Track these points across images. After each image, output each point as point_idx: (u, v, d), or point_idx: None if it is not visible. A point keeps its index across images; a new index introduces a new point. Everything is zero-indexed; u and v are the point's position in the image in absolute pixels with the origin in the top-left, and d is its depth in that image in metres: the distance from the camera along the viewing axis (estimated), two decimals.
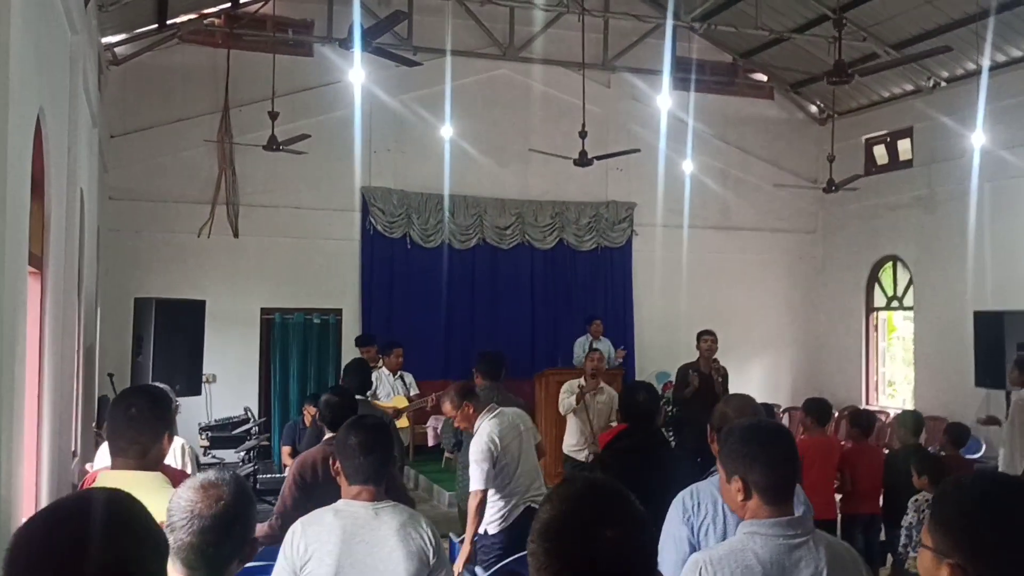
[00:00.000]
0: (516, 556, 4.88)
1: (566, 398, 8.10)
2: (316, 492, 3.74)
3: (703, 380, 8.95)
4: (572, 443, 8.20)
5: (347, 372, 7.02)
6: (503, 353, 7.46)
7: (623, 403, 4.45)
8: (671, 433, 9.49)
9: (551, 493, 1.54)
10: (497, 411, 5.45)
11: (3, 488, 3.33)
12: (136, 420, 2.90)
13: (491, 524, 5.36)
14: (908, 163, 13.48)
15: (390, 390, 9.36)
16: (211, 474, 2.16)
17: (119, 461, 2.90)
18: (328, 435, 4.68)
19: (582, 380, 8.15)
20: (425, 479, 10.61)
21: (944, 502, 1.71)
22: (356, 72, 9.95)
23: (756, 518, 2.47)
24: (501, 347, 9.96)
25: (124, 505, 1.41)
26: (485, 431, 5.30)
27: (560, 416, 8.75)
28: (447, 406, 5.50)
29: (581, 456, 8.03)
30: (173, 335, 8.63)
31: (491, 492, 5.31)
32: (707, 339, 9.26)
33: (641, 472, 3.64)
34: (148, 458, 2.89)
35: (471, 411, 5.40)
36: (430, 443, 11.34)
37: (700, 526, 3.10)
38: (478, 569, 5.16)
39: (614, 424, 7.93)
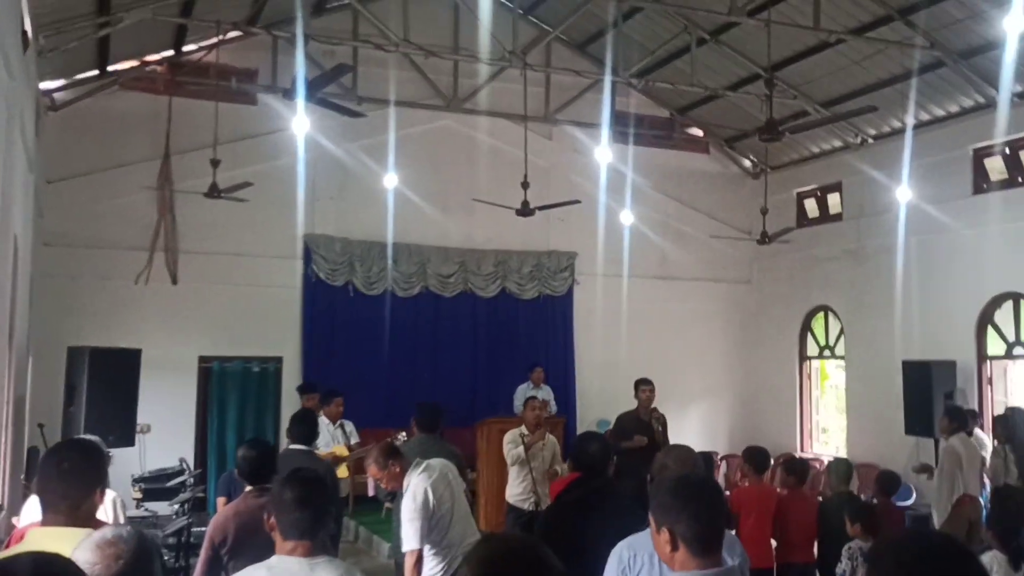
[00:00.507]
0: None
1: (511, 449, 8.05)
2: (246, 551, 3.62)
3: (644, 430, 8.94)
4: (517, 492, 8.14)
5: (294, 422, 6.89)
6: (439, 404, 7.41)
7: (575, 453, 4.43)
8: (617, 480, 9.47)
9: (470, 555, 1.54)
10: (424, 465, 5.30)
11: None
12: (68, 474, 2.83)
13: None
14: (838, 216, 13.86)
15: (330, 439, 9.21)
16: (108, 531, 2.10)
17: (49, 517, 2.82)
18: (247, 489, 4.55)
19: (523, 428, 8.13)
20: (365, 530, 10.42)
21: (879, 565, 1.75)
22: (300, 121, 9.94)
23: (684, 570, 2.49)
24: (443, 395, 9.95)
25: (55, 568, 1.37)
26: (419, 487, 5.16)
27: (502, 465, 8.69)
28: (372, 469, 5.31)
29: (525, 505, 7.97)
30: (107, 384, 8.41)
31: (427, 548, 5.18)
32: (645, 389, 9.25)
33: (592, 524, 3.63)
34: (80, 513, 2.81)
35: (398, 470, 5.24)
36: (370, 493, 11.16)
37: None
38: None
39: (559, 469, 7.92)
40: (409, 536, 5.08)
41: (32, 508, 4.65)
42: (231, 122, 11.40)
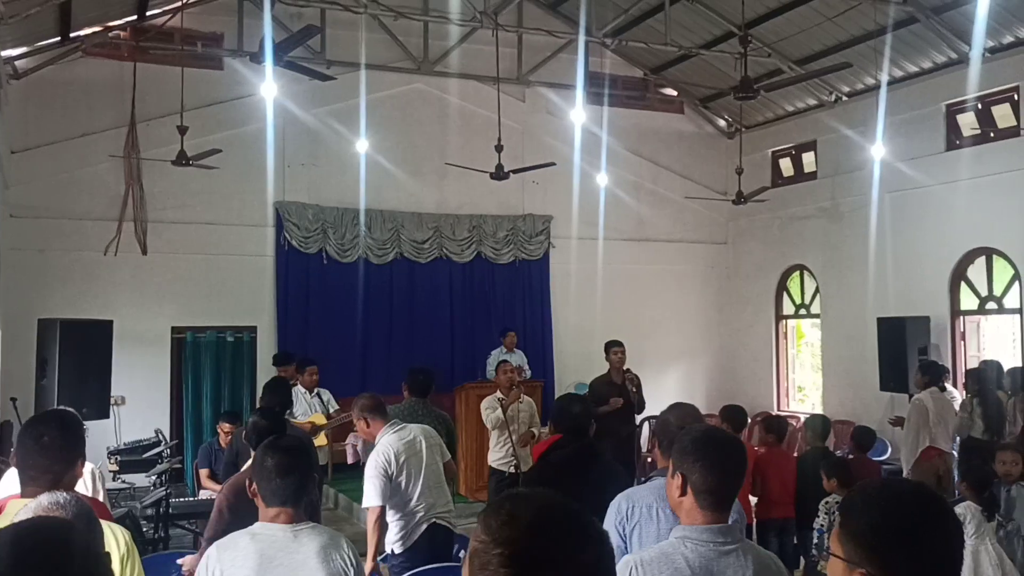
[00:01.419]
0: (418, 570, 4.87)
1: (490, 413, 8.12)
2: (248, 516, 3.66)
3: (618, 392, 9.00)
4: (498, 456, 8.22)
5: (266, 391, 6.90)
6: (432, 370, 7.42)
7: (556, 415, 4.48)
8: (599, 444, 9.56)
9: (511, 511, 1.47)
10: (400, 427, 5.38)
11: None
12: (48, 448, 2.88)
13: (395, 543, 5.32)
14: (813, 175, 13.94)
15: (307, 408, 9.23)
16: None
17: (30, 489, 2.84)
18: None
19: (499, 393, 8.19)
20: (344, 497, 10.48)
21: (852, 512, 1.77)
22: (268, 86, 9.81)
23: (691, 522, 2.55)
24: (420, 361, 9.90)
25: (61, 533, 1.39)
26: (381, 447, 5.27)
27: (481, 429, 8.78)
28: (353, 415, 5.54)
29: (507, 468, 8.06)
30: (79, 357, 8.35)
31: (391, 511, 5.26)
32: (616, 350, 9.26)
33: (575, 483, 3.68)
34: (61, 485, 2.84)
35: (366, 425, 5.38)
36: (349, 460, 11.22)
37: (632, 530, 3.17)
38: None
39: (535, 432, 8.00)
40: (369, 493, 5.19)
41: (9, 482, 4.63)
42: (198, 88, 11.24)
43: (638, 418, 9.72)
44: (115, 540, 2.88)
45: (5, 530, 1.38)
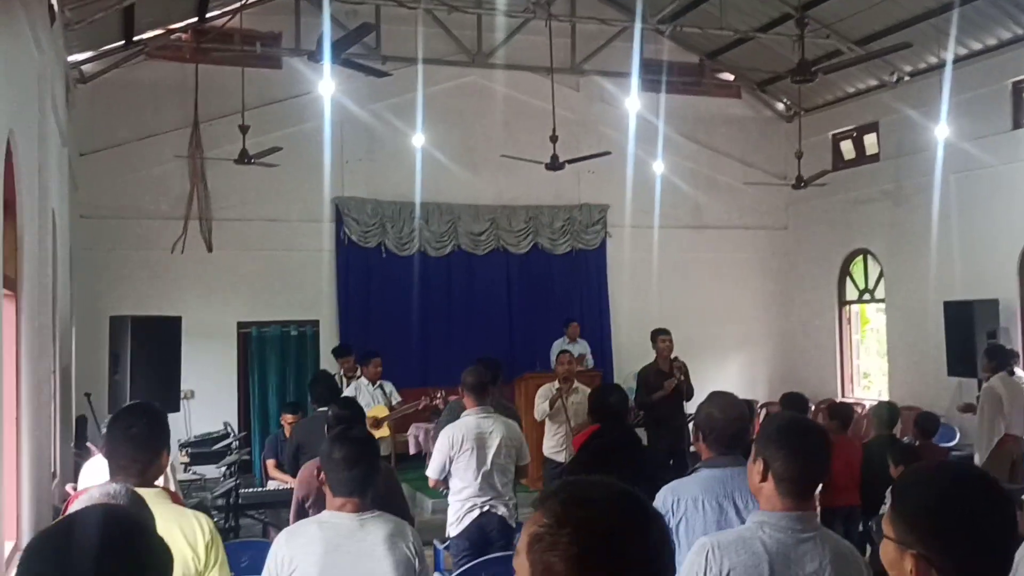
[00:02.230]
0: (478, 561, 4.97)
1: (540, 403, 8.18)
2: (318, 506, 3.82)
3: (666, 379, 8.96)
4: (551, 445, 8.27)
5: (313, 385, 7.06)
6: (489, 364, 7.15)
7: (594, 405, 4.53)
8: (647, 435, 9.55)
9: (574, 493, 1.49)
10: (486, 415, 5.60)
11: None
12: (136, 439, 2.99)
13: (451, 526, 5.61)
14: (875, 157, 13.65)
15: (370, 400, 9.35)
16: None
17: (120, 478, 2.95)
18: None
19: (556, 383, 8.22)
20: (408, 487, 10.55)
21: (906, 494, 1.76)
22: (326, 84, 9.95)
23: (770, 508, 2.54)
24: (479, 353, 9.92)
25: (131, 520, 1.45)
26: (455, 425, 5.62)
27: (539, 420, 8.81)
28: None
29: (560, 457, 8.10)
30: (150, 352, 8.56)
31: (451, 495, 5.61)
32: (663, 338, 9.25)
33: (614, 470, 3.71)
34: (147, 475, 2.98)
35: (463, 395, 5.76)
36: (411, 451, 11.33)
37: (679, 523, 3.16)
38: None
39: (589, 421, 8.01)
40: (430, 464, 5.70)
41: (89, 474, 4.80)
42: (258, 87, 11.44)
43: (687, 407, 9.68)
44: (199, 527, 2.96)
45: (64, 519, 1.45)
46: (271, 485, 8.11)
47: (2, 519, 4.03)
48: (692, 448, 3.96)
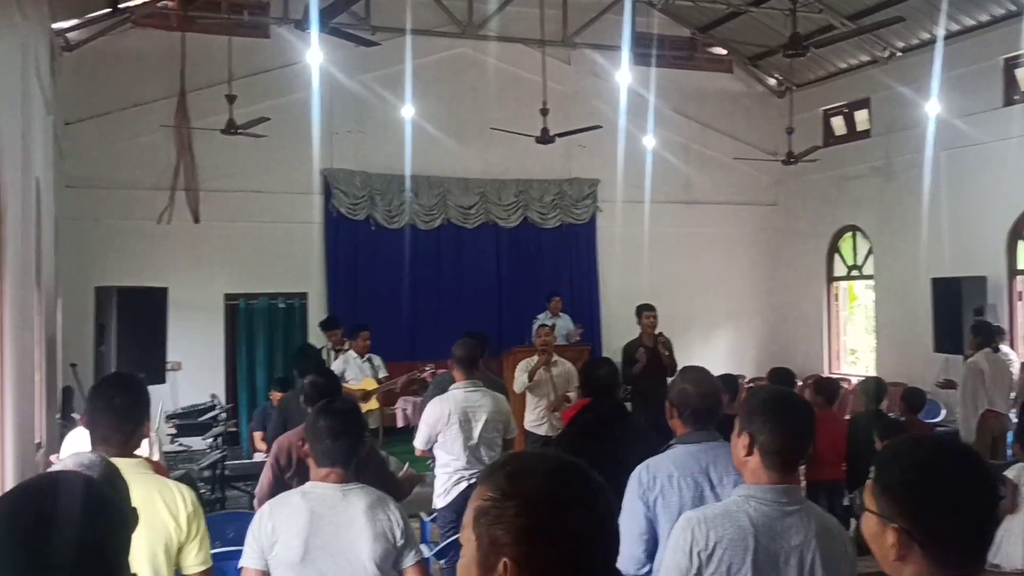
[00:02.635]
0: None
1: (520, 376, 8.19)
2: (298, 475, 3.80)
3: (650, 355, 8.98)
4: (532, 419, 8.31)
5: (298, 358, 7.04)
6: (477, 338, 7.15)
7: (584, 378, 4.54)
8: (632, 409, 9.57)
9: (518, 466, 1.51)
10: (474, 389, 5.63)
11: None
12: (118, 410, 3.01)
13: (437, 497, 5.68)
14: (866, 133, 13.63)
15: (358, 373, 9.35)
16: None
17: (101, 448, 2.95)
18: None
19: (535, 357, 8.24)
20: (396, 461, 10.58)
21: (886, 468, 1.75)
22: (314, 53, 9.86)
23: (755, 481, 2.54)
24: (468, 327, 9.93)
25: (91, 484, 1.43)
26: (442, 398, 5.67)
27: (522, 394, 8.82)
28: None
29: (541, 431, 8.12)
30: (136, 323, 8.53)
31: (436, 465, 5.69)
32: (648, 314, 9.27)
33: (605, 444, 3.71)
34: (129, 445, 3.00)
35: (452, 369, 5.85)
36: (399, 424, 11.35)
37: (655, 500, 3.16)
38: (424, 547, 5.35)
39: (572, 395, 8.02)
40: (417, 435, 5.82)
41: (75, 442, 4.79)
42: (245, 57, 11.33)
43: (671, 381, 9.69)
44: (181, 498, 2.98)
45: (16, 487, 1.43)
46: (257, 457, 8.12)
47: None
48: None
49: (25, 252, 5.95)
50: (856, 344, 14.66)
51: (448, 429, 5.52)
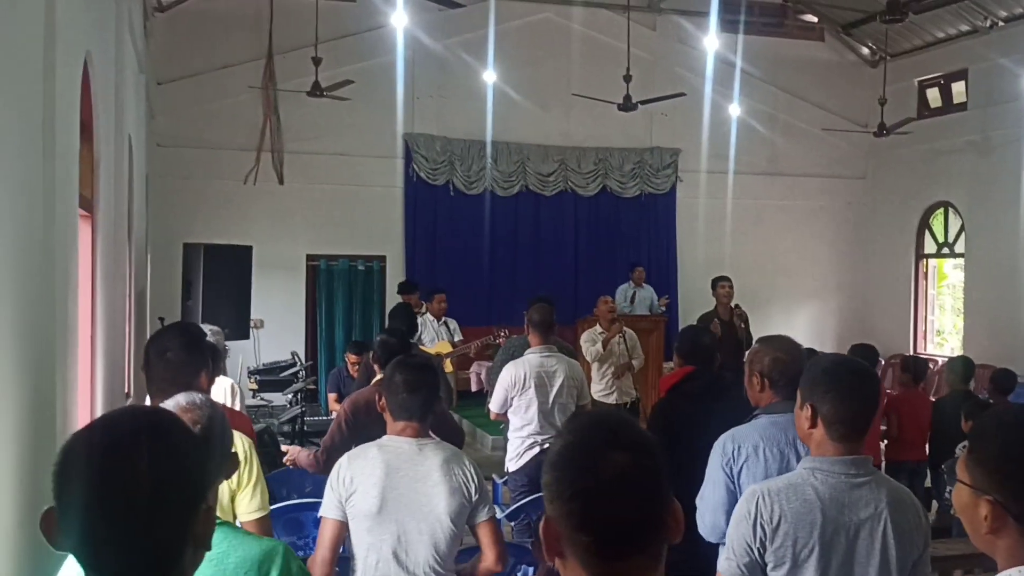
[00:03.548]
0: (535, 497, 5.00)
1: (590, 347, 8.09)
2: (364, 431, 3.83)
3: (725, 327, 8.78)
4: (599, 388, 8.21)
5: (392, 317, 7.06)
6: (550, 299, 7.08)
7: (688, 346, 4.39)
8: None
9: (561, 428, 1.53)
10: (549, 354, 5.60)
11: (59, 424, 3.42)
12: (171, 363, 2.99)
13: (509, 461, 5.66)
14: (962, 106, 13.10)
15: (434, 335, 9.42)
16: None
17: (159, 400, 2.97)
18: (379, 375, 4.75)
19: (598, 327, 8.15)
20: (469, 423, 10.70)
21: (983, 439, 1.70)
22: (399, 16, 9.87)
23: (821, 454, 2.47)
24: (543, 292, 9.95)
25: (172, 419, 1.44)
26: (518, 362, 5.64)
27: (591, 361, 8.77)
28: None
29: (610, 400, 8.05)
30: (221, 280, 8.76)
31: (510, 431, 5.68)
32: (724, 285, 9.09)
33: (712, 416, 3.63)
34: None
35: (527, 331, 5.85)
36: (473, 388, 11.44)
37: (739, 470, 3.11)
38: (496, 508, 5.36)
39: (635, 363, 7.93)
40: (492, 398, 5.82)
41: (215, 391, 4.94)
42: (331, 20, 11.38)
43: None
44: (242, 447, 2.98)
45: (98, 419, 1.44)
46: (335, 414, 8.26)
47: None
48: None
49: (118, 207, 6.12)
50: (943, 325, 14.21)
51: (524, 393, 5.51)
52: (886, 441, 6.64)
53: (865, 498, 2.42)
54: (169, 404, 2.22)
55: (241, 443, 3.02)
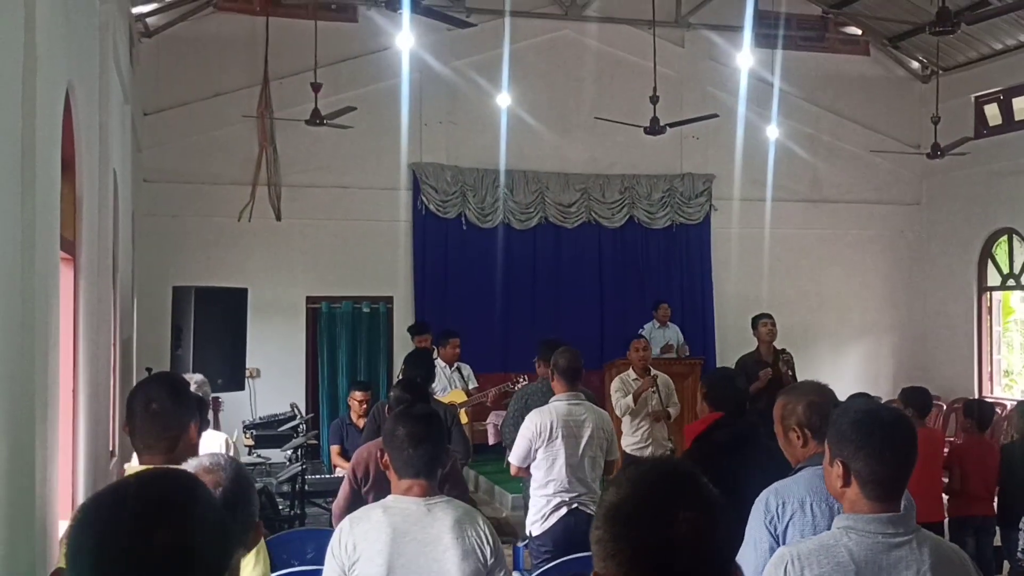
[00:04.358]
0: (560, 561, 4.96)
1: (620, 398, 8.05)
2: (376, 488, 3.87)
3: (774, 371, 8.67)
4: (634, 441, 8.17)
5: (408, 364, 7.02)
6: (551, 345, 6.70)
7: (718, 392, 4.40)
8: None
9: (617, 477, 1.52)
10: (578, 402, 5.57)
11: (38, 488, 3.45)
12: (157, 416, 2.99)
13: (533, 524, 5.56)
14: None
15: (447, 383, 9.38)
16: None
17: (147, 458, 2.98)
18: None
19: (631, 373, 8.12)
20: (486, 480, 10.69)
21: None
22: (404, 37, 10.04)
23: (855, 511, 2.45)
24: (566, 336, 9.95)
25: (189, 484, 1.46)
26: (543, 410, 5.59)
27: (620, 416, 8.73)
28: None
29: (645, 453, 7.99)
30: (214, 326, 8.80)
31: (532, 486, 5.63)
32: (766, 323, 8.92)
33: (742, 466, 3.61)
34: (176, 453, 2.96)
35: (549, 376, 5.90)
36: (490, 441, 11.40)
37: (784, 528, 3.09)
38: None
39: (671, 410, 7.89)
40: (513, 450, 5.73)
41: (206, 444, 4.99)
42: (331, 42, 11.55)
43: None
44: None
45: (116, 482, 1.46)
46: (339, 472, 8.25)
47: (57, 498, 4.18)
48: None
49: (101, 248, 6.21)
50: (1011, 364, 14.08)
51: (550, 444, 5.44)
52: (948, 496, 6.57)
53: (906, 559, 2.39)
54: (191, 465, 2.22)
55: None
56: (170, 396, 3.05)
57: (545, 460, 5.47)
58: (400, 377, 7.47)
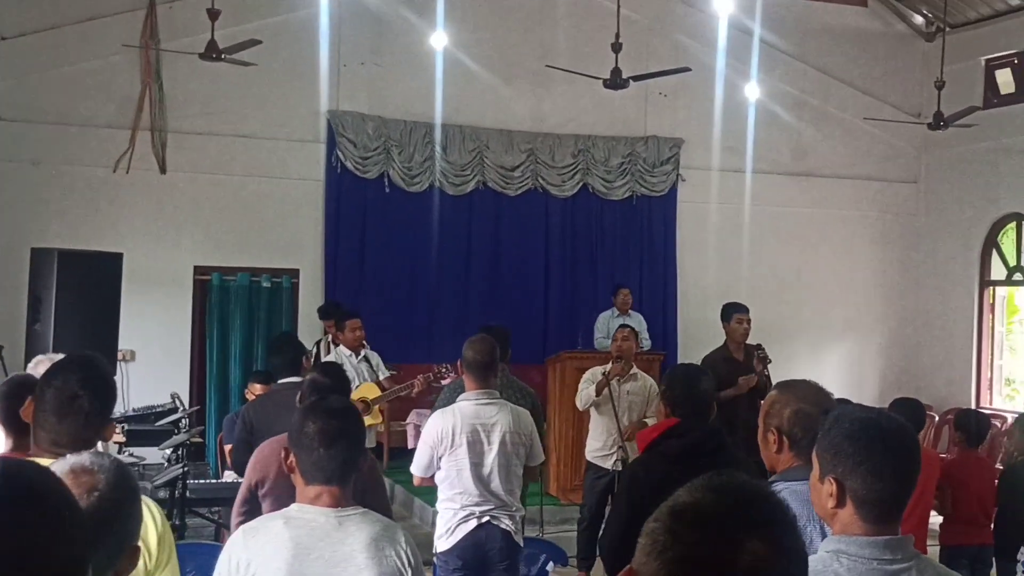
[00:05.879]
0: None
1: (585, 388, 8.11)
2: (274, 492, 3.83)
3: (739, 372, 8.55)
4: (597, 447, 8.22)
5: (272, 352, 7.04)
6: (494, 333, 6.63)
7: (676, 392, 4.42)
8: None
9: (698, 481, 1.61)
10: (489, 402, 5.55)
11: None
12: (85, 413, 2.98)
13: (439, 539, 5.60)
14: None
15: (353, 375, 9.15)
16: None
17: (41, 450, 2.94)
18: None
19: (611, 364, 8.15)
20: (403, 490, 10.66)
21: None
22: None
23: (847, 532, 2.49)
24: (504, 322, 9.97)
25: (32, 482, 1.41)
26: (447, 412, 5.62)
27: (580, 414, 8.76)
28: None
29: (608, 463, 8.05)
30: (81, 297, 8.65)
31: (440, 499, 5.64)
32: (740, 318, 8.83)
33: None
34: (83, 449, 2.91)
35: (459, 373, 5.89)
36: (410, 444, 11.38)
37: None
38: None
39: (649, 421, 7.92)
40: (415, 458, 5.75)
41: None
42: None
43: None
44: (149, 515, 2.92)
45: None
46: (228, 476, 8.17)
47: None
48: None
49: None
50: (1013, 372, 14.43)
51: (453, 451, 5.43)
52: (941, 517, 6.72)
53: None
54: (64, 462, 2.15)
55: (157, 510, 2.99)
56: (97, 389, 3.04)
57: (450, 469, 5.47)
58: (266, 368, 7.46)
